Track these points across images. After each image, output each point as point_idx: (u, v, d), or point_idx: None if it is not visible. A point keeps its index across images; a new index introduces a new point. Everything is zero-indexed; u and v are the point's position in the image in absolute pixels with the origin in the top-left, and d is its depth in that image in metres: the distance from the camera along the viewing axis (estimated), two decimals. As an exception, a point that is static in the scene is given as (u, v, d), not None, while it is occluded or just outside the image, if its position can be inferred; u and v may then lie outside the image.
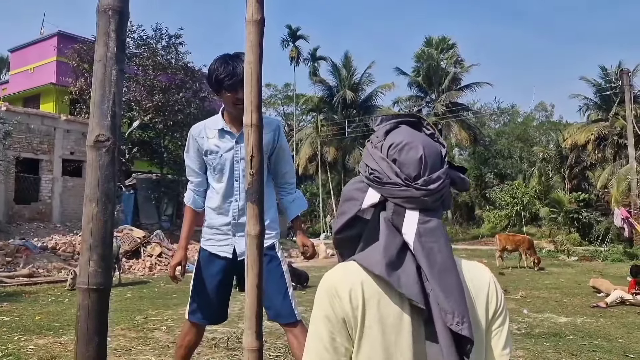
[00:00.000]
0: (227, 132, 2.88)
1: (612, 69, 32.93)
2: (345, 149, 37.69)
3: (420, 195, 1.09)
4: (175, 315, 7.19)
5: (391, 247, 1.07)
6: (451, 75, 38.67)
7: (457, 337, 1.02)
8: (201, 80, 21.73)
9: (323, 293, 1.11)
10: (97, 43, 1.43)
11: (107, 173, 1.41)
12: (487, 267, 1.26)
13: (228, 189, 2.86)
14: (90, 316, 1.34)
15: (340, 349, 1.07)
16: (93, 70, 1.47)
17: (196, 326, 2.93)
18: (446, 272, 1.05)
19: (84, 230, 1.39)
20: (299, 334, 2.74)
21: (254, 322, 1.56)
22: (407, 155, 1.12)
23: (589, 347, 5.71)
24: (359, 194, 1.15)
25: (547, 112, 51.68)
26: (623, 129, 29.21)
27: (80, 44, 20.49)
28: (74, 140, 18.19)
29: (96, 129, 1.42)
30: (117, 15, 1.42)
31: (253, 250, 1.55)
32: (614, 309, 8.28)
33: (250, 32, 1.56)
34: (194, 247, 17.44)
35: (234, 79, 2.68)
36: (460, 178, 1.18)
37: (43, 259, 12.12)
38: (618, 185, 27.17)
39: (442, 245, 1.07)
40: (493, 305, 1.16)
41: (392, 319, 1.06)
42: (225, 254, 2.87)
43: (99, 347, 1.34)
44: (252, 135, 1.56)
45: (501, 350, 1.15)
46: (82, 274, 1.37)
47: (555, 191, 36.27)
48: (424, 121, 1.22)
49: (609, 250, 20.61)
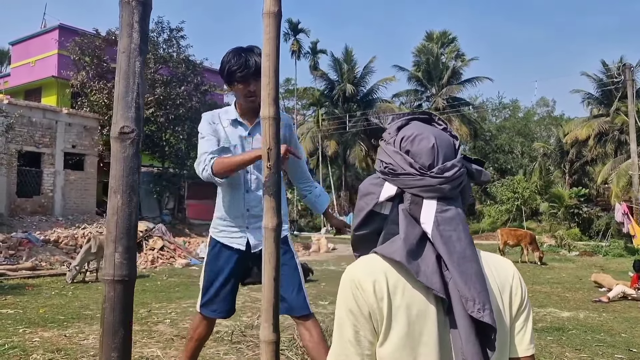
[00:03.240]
0: (240, 123, 2.88)
1: (613, 64, 32.94)
2: (346, 143, 37.67)
3: (436, 183, 1.10)
4: (179, 308, 7.21)
5: (411, 236, 1.08)
6: (451, 70, 38.64)
7: (479, 325, 1.02)
8: (202, 73, 21.70)
9: (346, 286, 1.11)
10: (121, 34, 1.42)
11: (132, 165, 1.41)
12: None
13: (240, 180, 2.85)
14: (115, 308, 1.34)
15: (364, 342, 1.07)
16: (117, 61, 1.47)
17: (207, 319, 2.93)
18: (465, 260, 1.05)
19: (108, 222, 1.39)
20: (311, 327, 2.75)
21: (271, 314, 1.57)
22: (419, 146, 1.13)
23: (592, 342, 5.72)
24: (376, 188, 1.16)
25: (548, 108, 51.61)
26: (624, 125, 29.20)
27: (81, 37, 20.43)
28: (76, 134, 18.18)
29: (120, 120, 1.41)
30: (141, 6, 1.42)
31: (270, 243, 1.55)
32: (616, 304, 8.30)
33: (268, 24, 1.56)
34: (196, 240, 17.47)
35: (246, 72, 2.68)
36: (477, 170, 1.18)
37: (45, 252, 12.14)
38: (618, 181, 27.21)
39: (460, 234, 1.07)
40: (518, 299, 1.16)
41: (417, 309, 1.06)
42: (239, 246, 2.87)
43: (124, 339, 1.34)
44: (269, 128, 1.56)
45: (527, 344, 1.15)
46: (108, 266, 1.37)
47: (556, 186, 36.30)
48: (435, 117, 1.23)
49: (610, 246, 20.65)
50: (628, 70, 20.84)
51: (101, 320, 1.35)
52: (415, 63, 40.21)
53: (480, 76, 39.42)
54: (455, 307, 1.03)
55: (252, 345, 5.13)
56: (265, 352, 1.54)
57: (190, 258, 13.55)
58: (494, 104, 49.75)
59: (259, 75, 2.73)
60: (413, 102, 41.10)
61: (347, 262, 14.73)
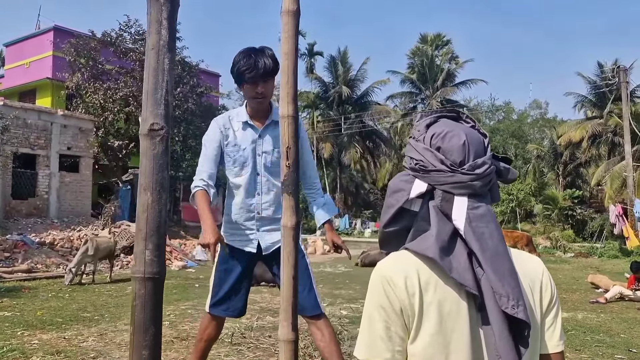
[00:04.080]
0: (251, 125, 2.89)
1: (607, 66, 33.18)
2: (341, 145, 37.71)
3: (468, 180, 1.09)
4: (177, 310, 7.18)
5: (442, 233, 1.07)
6: (446, 72, 38.80)
7: (512, 322, 1.02)
8: (198, 75, 21.66)
9: (377, 282, 1.10)
10: (149, 31, 1.41)
11: (162, 162, 1.40)
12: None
13: (251, 183, 2.85)
14: (146, 305, 1.33)
15: (395, 338, 1.07)
16: (145, 58, 1.46)
17: (217, 319, 2.92)
18: (498, 257, 1.05)
19: (139, 219, 1.38)
20: (322, 327, 2.74)
21: (290, 313, 1.56)
22: (450, 143, 1.13)
23: (591, 342, 5.74)
24: (406, 185, 1.15)
25: (541, 110, 51.88)
26: (617, 127, 29.40)
27: (76, 38, 20.36)
28: (71, 136, 18.10)
29: (150, 117, 1.40)
30: (169, 3, 1.41)
31: (289, 241, 1.55)
32: (614, 305, 8.33)
33: (287, 22, 1.56)
34: (192, 242, 17.41)
35: (254, 73, 2.69)
36: (506, 168, 1.18)
37: (41, 255, 12.07)
38: (612, 183, 27.37)
39: (492, 231, 1.07)
40: (548, 295, 1.16)
41: (449, 305, 1.06)
42: (250, 249, 2.87)
43: (155, 337, 1.33)
44: (288, 127, 1.56)
45: (557, 341, 1.15)
46: (138, 264, 1.36)
47: (550, 188, 36.48)
48: (464, 114, 1.22)
49: (604, 247, 20.76)
50: (622, 72, 20.98)
51: (132, 318, 1.33)
52: (409, 65, 40.35)
53: (475, 78, 39.65)
54: (488, 304, 1.02)
55: (253, 347, 5.12)
56: (284, 351, 1.53)
57: (187, 260, 13.50)
58: (488, 106, 50.01)
59: (268, 76, 2.77)
60: (408, 104, 41.24)
61: (344, 264, 14.75)
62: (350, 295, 8.76)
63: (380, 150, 40.92)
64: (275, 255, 2.86)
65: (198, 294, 8.44)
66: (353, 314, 6.97)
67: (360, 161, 38.54)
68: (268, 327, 5.99)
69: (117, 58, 20.40)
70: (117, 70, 20.60)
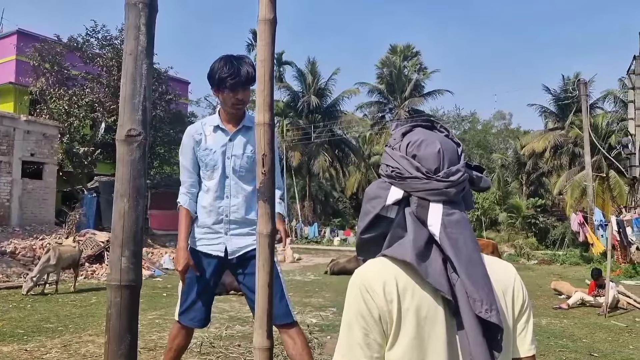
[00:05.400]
0: (222, 129, 2.91)
1: (569, 79, 34.28)
2: (310, 154, 37.77)
3: (443, 186, 1.12)
4: (144, 320, 7.04)
5: (419, 239, 1.10)
6: (414, 82, 39.38)
7: (486, 326, 1.04)
8: (167, 82, 21.42)
9: (356, 289, 1.11)
10: (127, 36, 1.40)
11: (139, 168, 1.39)
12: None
13: (220, 186, 2.86)
14: (122, 314, 1.30)
15: (374, 345, 1.08)
16: (123, 64, 1.45)
17: (186, 328, 2.89)
18: (473, 262, 1.08)
19: (115, 226, 1.36)
20: (295, 335, 2.74)
21: (265, 321, 1.56)
22: (426, 150, 1.16)
23: (555, 347, 5.89)
24: (383, 192, 1.17)
25: (505, 121, 53.05)
26: (578, 138, 30.30)
27: (41, 43, 19.90)
28: (35, 142, 17.61)
29: (127, 123, 1.39)
30: (147, 9, 1.40)
31: (265, 249, 1.55)
32: (576, 310, 8.56)
33: (263, 30, 1.57)
34: (159, 251, 17.13)
35: (237, 80, 2.71)
36: (478, 177, 1.21)
37: (2, 264, 11.67)
38: (572, 192, 28.14)
39: (467, 237, 1.10)
40: (520, 301, 1.19)
41: (425, 311, 1.08)
42: (217, 253, 2.86)
43: (131, 346, 1.30)
44: (264, 134, 1.57)
45: (529, 345, 1.18)
46: (114, 271, 1.34)
47: (514, 197, 37.30)
48: (438, 124, 1.26)
49: (566, 254, 21.32)
50: (583, 85, 21.65)
51: (106, 326, 1.31)
52: (378, 75, 40.78)
53: (442, 89, 40.33)
54: (462, 309, 1.05)
55: (222, 357, 5.07)
56: (259, 359, 1.53)
57: (154, 269, 13.27)
58: (454, 116, 50.90)
59: (248, 84, 2.79)
60: (376, 114, 41.64)
61: (313, 273, 14.75)
62: (319, 303, 8.76)
63: (349, 159, 41.16)
64: (242, 262, 2.86)
65: (166, 303, 8.31)
66: (322, 322, 6.97)
67: (329, 170, 38.65)
68: (237, 336, 5.93)
69: (84, 63, 20.01)
70: (83, 75, 20.20)
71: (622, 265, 15.29)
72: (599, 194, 24.54)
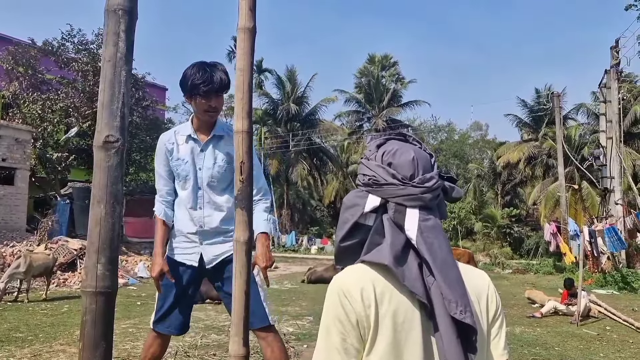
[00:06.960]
0: (194, 139, 2.89)
1: (542, 91, 35.01)
2: (288, 162, 37.77)
3: (419, 192, 1.16)
4: (118, 329, 6.92)
5: (396, 243, 1.13)
6: (391, 92, 39.77)
7: (460, 328, 1.07)
8: (144, 88, 21.22)
9: (334, 294, 1.13)
10: (106, 42, 1.40)
11: (116, 174, 1.38)
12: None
13: (193, 196, 2.85)
14: (97, 321, 1.29)
15: (351, 350, 1.09)
16: (101, 70, 1.44)
17: (161, 337, 2.86)
18: (448, 266, 1.11)
19: (91, 233, 1.35)
20: (272, 342, 2.72)
21: (241, 328, 1.56)
22: (401, 159, 1.20)
23: (528, 356, 5.96)
24: (361, 200, 1.20)
25: (482, 131, 53.83)
26: (551, 149, 30.93)
27: (15, 46, 19.56)
28: (6, 147, 17.25)
29: (105, 129, 1.38)
30: (127, 16, 1.40)
31: (242, 256, 1.55)
32: (549, 319, 8.69)
33: (243, 39, 1.58)
34: (134, 259, 16.89)
35: (210, 87, 2.69)
36: (451, 187, 1.25)
37: (-30, 272, 11.37)
38: (546, 202, 28.69)
39: (442, 242, 1.13)
40: (493, 307, 1.22)
41: (402, 315, 1.10)
42: (192, 262, 2.84)
43: (106, 353, 1.29)
44: (242, 142, 1.57)
45: (502, 350, 1.21)
46: (89, 277, 1.32)
47: (489, 207, 37.82)
48: (410, 137, 1.29)
49: (540, 264, 21.67)
50: (556, 97, 22.12)
51: (81, 334, 1.29)
52: (357, 85, 41.07)
53: (419, 99, 40.82)
54: (437, 311, 1.07)
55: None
56: (235, 366, 1.52)
57: (129, 277, 13.08)
58: (431, 126, 51.48)
59: (222, 92, 2.78)
60: (354, 123, 41.90)
61: (290, 281, 14.71)
62: (296, 312, 8.73)
63: (327, 167, 41.28)
64: (218, 269, 2.84)
65: (140, 312, 8.19)
66: (299, 331, 6.95)
67: (307, 178, 38.68)
68: (213, 345, 5.87)
69: (59, 68, 19.71)
70: (58, 80, 19.89)
71: (594, 275, 15.59)
72: (572, 204, 25.08)
